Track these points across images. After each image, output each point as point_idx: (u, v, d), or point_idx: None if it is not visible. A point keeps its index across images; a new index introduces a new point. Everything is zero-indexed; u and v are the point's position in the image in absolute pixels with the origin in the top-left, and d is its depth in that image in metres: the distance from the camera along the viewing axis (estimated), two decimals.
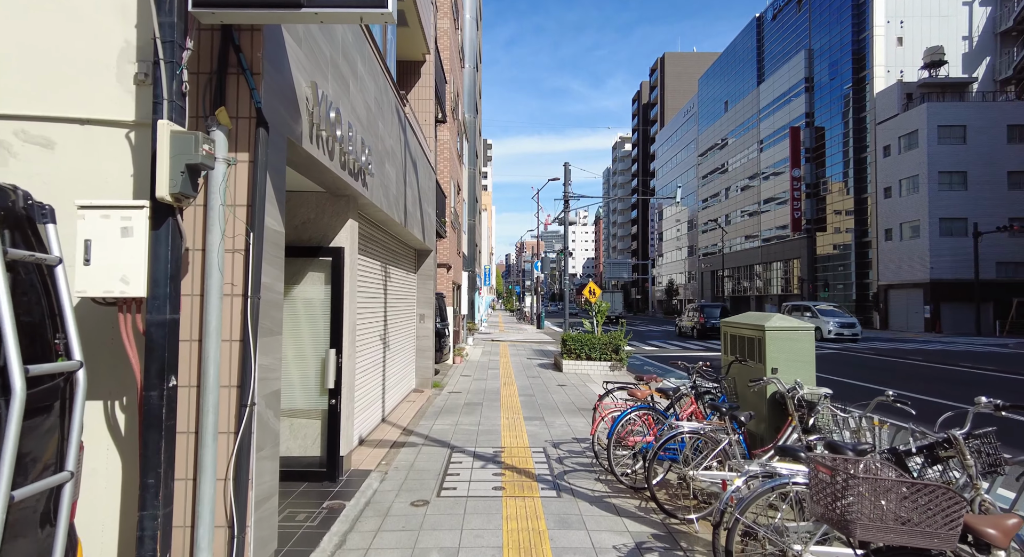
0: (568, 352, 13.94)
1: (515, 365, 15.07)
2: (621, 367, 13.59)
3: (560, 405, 9.22)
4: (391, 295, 8.31)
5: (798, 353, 5.27)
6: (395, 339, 8.66)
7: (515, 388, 11.01)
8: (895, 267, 37.16)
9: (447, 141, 15.20)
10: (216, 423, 2.89)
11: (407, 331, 9.75)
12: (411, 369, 10.23)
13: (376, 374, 7.27)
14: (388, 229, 7.63)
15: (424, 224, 9.47)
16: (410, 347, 10.05)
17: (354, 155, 4.76)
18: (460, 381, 11.89)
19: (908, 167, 35.92)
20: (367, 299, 6.74)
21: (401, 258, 9.16)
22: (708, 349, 21.88)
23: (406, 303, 9.62)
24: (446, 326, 12.84)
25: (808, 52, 48.51)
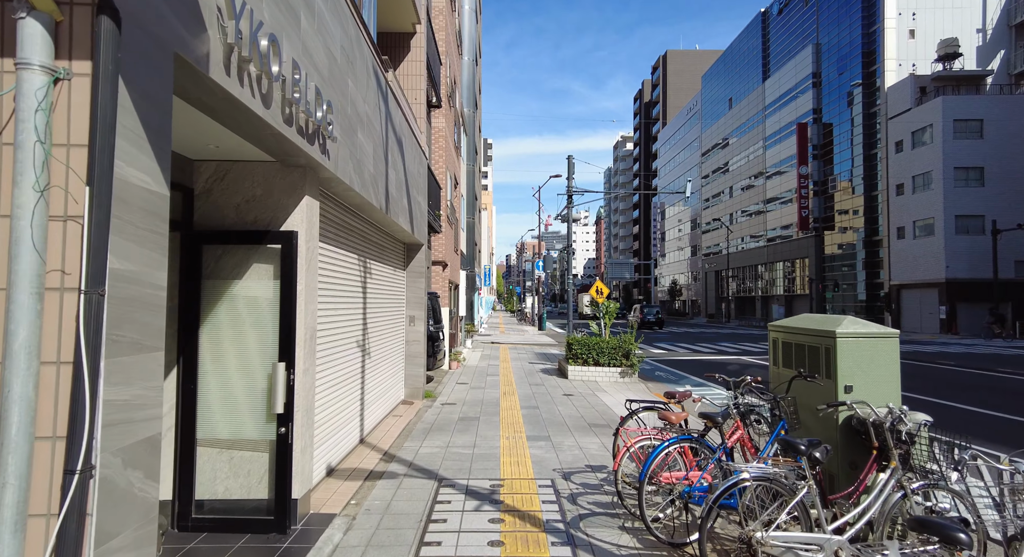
0: (574, 357, 12.79)
1: (516, 371, 13.92)
2: (632, 373, 12.44)
3: (568, 420, 8.06)
4: (373, 294, 7.16)
5: (879, 366, 4.11)
6: (379, 345, 7.52)
7: (516, 399, 9.86)
8: (908, 266, 35.98)
9: (443, 129, 14.07)
10: (20, 502, 1.73)
11: (394, 335, 8.61)
12: (399, 378, 9.08)
13: (352, 389, 6.12)
14: (366, 216, 6.48)
15: (413, 214, 8.33)
16: (398, 353, 8.91)
17: (305, 109, 3.62)
18: (455, 390, 10.74)
19: (922, 163, 34.74)
20: (338, 298, 5.59)
21: (387, 252, 8.01)
22: (720, 352, 20.73)
23: (393, 303, 8.48)
24: (440, 329, 11.70)
25: (815, 47, 47.35)
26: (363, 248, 6.63)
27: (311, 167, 4.22)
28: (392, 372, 8.46)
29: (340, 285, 5.65)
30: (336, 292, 5.51)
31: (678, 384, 12.74)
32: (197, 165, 4.18)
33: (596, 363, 12.58)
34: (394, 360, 8.64)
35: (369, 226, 6.87)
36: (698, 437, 4.08)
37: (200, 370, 4.06)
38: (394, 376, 8.65)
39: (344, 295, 5.80)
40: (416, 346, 9.43)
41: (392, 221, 6.96)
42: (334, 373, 5.46)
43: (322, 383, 5.08)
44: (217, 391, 4.07)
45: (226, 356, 4.09)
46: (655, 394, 10.80)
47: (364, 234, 6.66)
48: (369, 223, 6.83)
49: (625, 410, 5.33)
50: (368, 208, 5.96)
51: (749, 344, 25.00)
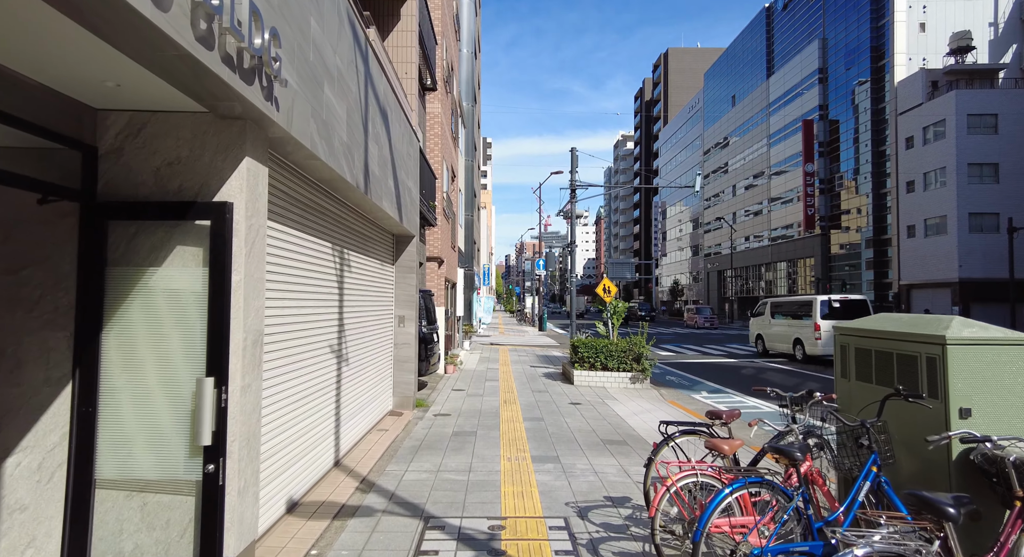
0: (580, 361, 11.78)
1: (517, 375, 12.91)
2: (644, 379, 11.44)
3: (578, 435, 7.06)
4: (354, 290, 6.16)
5: (1009, 384, 3.11)
6: (360, 349, 6.51)
7: (518, 408, 8.85)
8: (918, 266, 35.01)
9: (438, 115, 13.06)
10: None
11: (380, 338, 7.60)
12: (387, 385, 8.07)
13: (323, 403, 5.11)
14: (341, 196, 5.46)
15: (401, 200, 7.32)
16: (385, 358, 7.90)
17: (234, 29, 2.61)
18: (451, 398, 9.73)
19: (934, 159, 33.77)
20: (302, 294, 4.59)
21: (371, 243, 7.01)
22: (730, 355, 19.73)
23: (379, 302, 7.48)
24: (434, 330, 10.69)
25: (822, 42, 46.40)
26: (339, 236, 5.62)
27: (254, 121, 3.21)
28: (377, 380, 7.45)
29: (305, 278, 4.65)
30: (299, 286, 4.50)
31: (692, 390, 11.74)
32: (102, 116, 3.17)
33: (604, 367, 11.57)
34: (380, 366, 7.63)
35: (347, 210, 5.86)
36: (770, 480, 3.06)
37: (102, 388, 3.05)
38: (380, 384, 7.64)
39: (311, 290, 4.79)
40: (406, 349, 8.42)
41: (375, 205, 5.95)
42: (297, 387, 4.45)
43: (279, 400, 4.08)
44: (126, 416, 3.07)
45: (139, 369, 3.08)
46: (672, 403, 9.80)
47: (340, 219, 5.65)
48: (346, 206, 5.82)
49: (659, 433, 4.26)
50: (342, 186, 4.95)
51: None
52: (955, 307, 32.16)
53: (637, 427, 7.67)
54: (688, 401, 10.34)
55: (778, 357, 18.79)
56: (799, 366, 16.45)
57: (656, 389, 11.41)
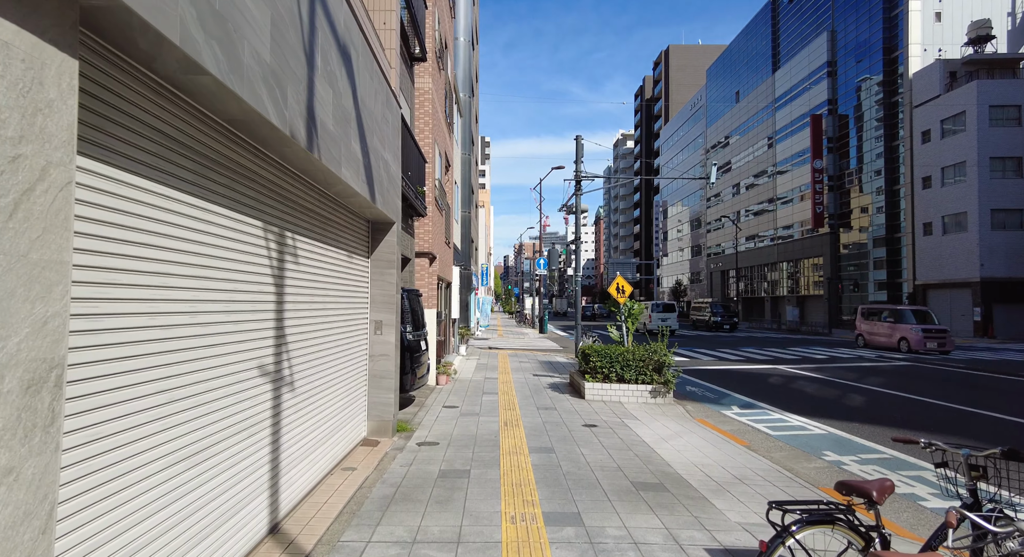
0: (592, 371, 10.22)
1: (519, 386, 11.34)
2: (667, 393, 9.87)
3: (601, 475, 5.49)
4: (305, 289, 4.59)
5: None
6: (317, 368, 4.93)
7: (521, 433, 7.27)
8: (935, 265, 33.51)
9: (429, 91, 11.49)
10: None
11: (349, 350, 6.02)
12: (358, 408, 6.49)
13: (244, 450, 3.53)
14: (275, 153, 3.86)
15: (373, 172, 5.75)
16: (355, 375, 6.32)
17: None
18: (440, 418, 8.15)
19: (952, 153, 32.28)
20: (197, 293, 3.00)
21: (333, 228, 5.43)
22: (748, 360, 18.18)
23: (347, 304, 5.90)
24: (422, 336, 9.11)
25: (830, 34, 44.93)
26: (277, 213, 4.05)
27: None
28: (345, 403, 5.87)
29: (209, 269, 3.07)
30: (191, 283, 2.92)
31: (721, 405, 10.17)
32: None
33: (620, 379, 10.01)
34: (349, 385, 6.05)
35: (291, 179, 4.28)
36: None
37: None
38: (349, 407, 6.06)
39: (220, 289, 3.21)
40: (384, 363, 6.84)
41: (330, 173, 4.38)
42: (187, 441, 2.86)
43: (143, 466, 2.49)
44: None
45: None
46: (702, 422, 8.23)
47: (280, 191, 4.08)
48: (289, 173, 4.24)
49: (772, 522, 2.57)
50: (267, 133, 3.37)
51: (775, 349, 22.47)
52: (976, 308, 30.67)
53: (673, 460, 6.11)
54: (721, 420, 8.78)
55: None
56: (830, 374, 14.90)
57: (680, 404, 9.85)
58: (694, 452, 6.56)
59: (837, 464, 6.39)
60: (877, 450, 7.05)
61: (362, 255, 6.59)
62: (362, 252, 6.58)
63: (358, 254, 6.40)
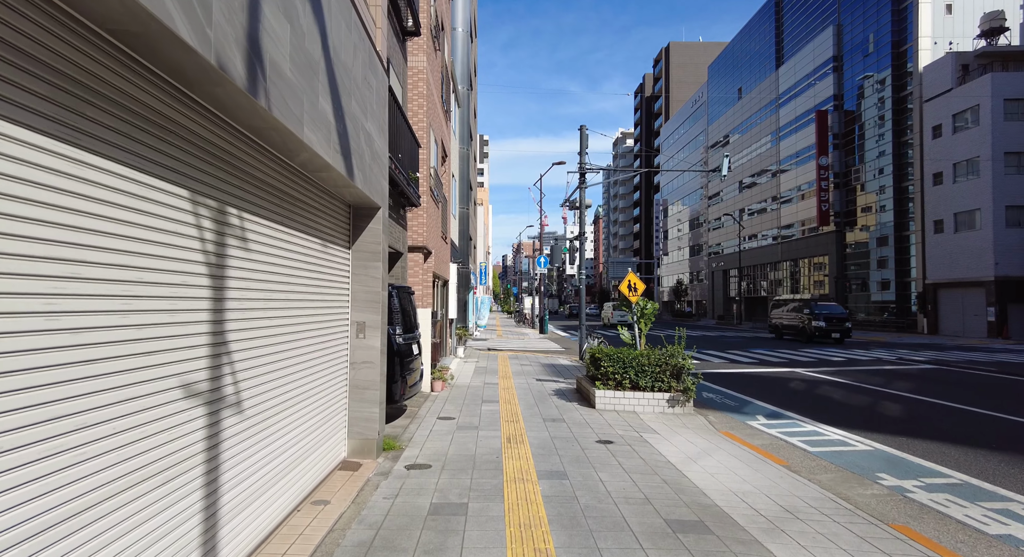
0: (603, 378, 9.25)
1: (521, 393, 10.37)
2: (686, 401, 8.91)
3: (628, 510, 4.52)
4: (259, 282, 3.61)
5: None
6: (280, 380, 3.96)
7: (527, 452, 6.30)
8: (946, 263, 32.60)
9: (423, 70, 10.52)
10: None
11: (323, 357, 5.05)
12: (336, 425, 5.51)
13: (165, 502, 2.55)
14: (204, 94, 2.86)
15: (350, 142, 4.77)
16: (331, 386, 5.34)
17: None
18: (435, 433, 7.18)
19: (965, 148, 31.36)
20: (86, 282, 2.02)
21: (301, 210, 4.46)
22: (762, 362, 17.22)
23: (320, 302, 4.92)
24: (415, 340, 8.13)
25: (836, 27, 44.01)
26: (220, 184, 3.07)
27: None
28: (317, 422, 4.89)
29: (94, 248, 2.09)
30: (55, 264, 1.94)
31: (744, 414, 9.21)
32: None
33: (634, 386, 9.04)
34: (323, 398, 5.07)
35: (238, 141, 3.29)
36: None
37: None
38: (323, 426, 5.08)
39: (113, 275, 2.23)
40: (367, 371, 5.86)
41: (289, 133, 3.40)
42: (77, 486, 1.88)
43: None
44: None
45: None
46: (729, 436, 7.27)
47: (221, 153, 3.09)
48: (234, 132, 3.25)
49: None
50: (184, 60, 2.39)
51: (787, 351, 21.52)
52: (990, 308, 29.76)
53: (708, 488, 5.14)
54: (748, 432, 7.82)
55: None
56: (853, 378, 13.95)
57: (701, 414, 8.89)
58: (730, 476, 5.60)
59: (899, 491, 5.43)
60: (940, 472, 6.09)
61: (341, 245, 5.61)
62: (341, 241, 5.60)
63: (336, 243, 5.43)
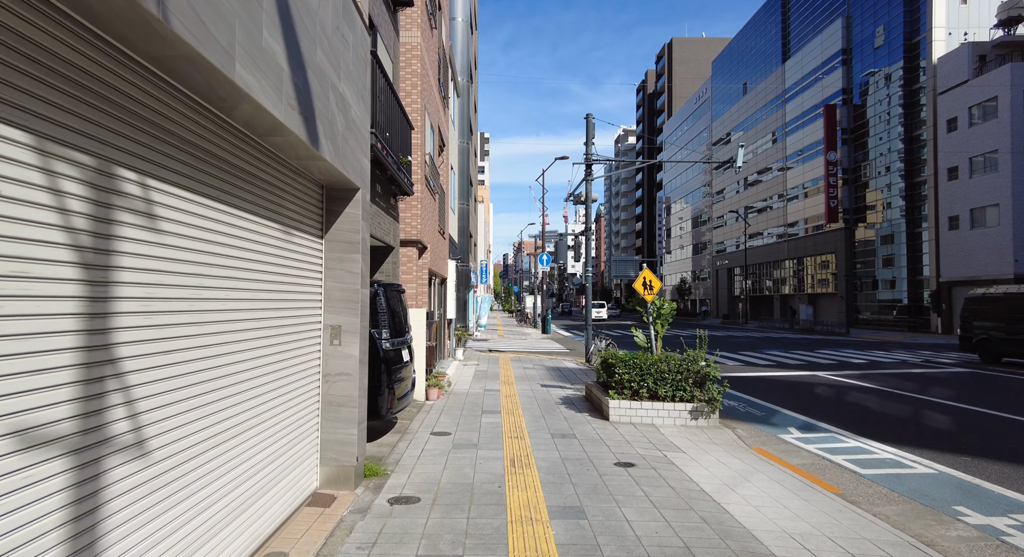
0: (618, 386, 8.27)
1: (525, 402, 9.40)
2: (711, 413, 7.94)
3: None
4: (171, 278, 2.65)
5: None
6: (214, 406, 2.99)
7: (535, 479, 5.33)
8: (962, 260, 31.58)
9: (417, 47, 9.54)
10: None
11: (283, 368, 4.08)
12: (301, 453, 4.54)
13: None
14: (73, 7, 1.90)
15: (315, 104, 3.80)
16: (296, 404, 4.37)
17: None
18: (427, 454, 6.21)
19: (983, 142, 30.32)
20: None
21: (245, 182, 3.49)
22: (779, 364, 16.23)
23: (275, 302, 3.96)
24: (405, 344, 7.15)
25: (846, 19, 42.94)
26: (104, 134, 2.08)
27: None
28: (276, 451, 3.92)
29: None
30: None
31: (773, 425, 8.23)
32: None
33: (652, 395, 8.06)
34: (285, 421, 4.11)
35: (140, 78, 2.31)
36: None
37: None
38: (285, 454, 4.12)
39: None
40: (343, 384, 4.89)
41: (211, 68, 2.43)
42: None
43: None
44: None
45: None
46: (763, 453, 6.31)
47: (110, 91, 2.11)
48: (128, 64, 2.27)
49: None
50: None
51: (801, 351, 20.54)
52: None
53: (757, 527, 4.17)
54: (783, 448, 6.86)
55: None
56: (883, 383, 12.97)
57: (727, 427, 7.93)
58: (778, 510, 4.63)
59: (990, 532, 4.46)
60: None
61: (310, 233, 4.64)
62: (310, 229, 4.64)
63: (303, 231, 4.46)
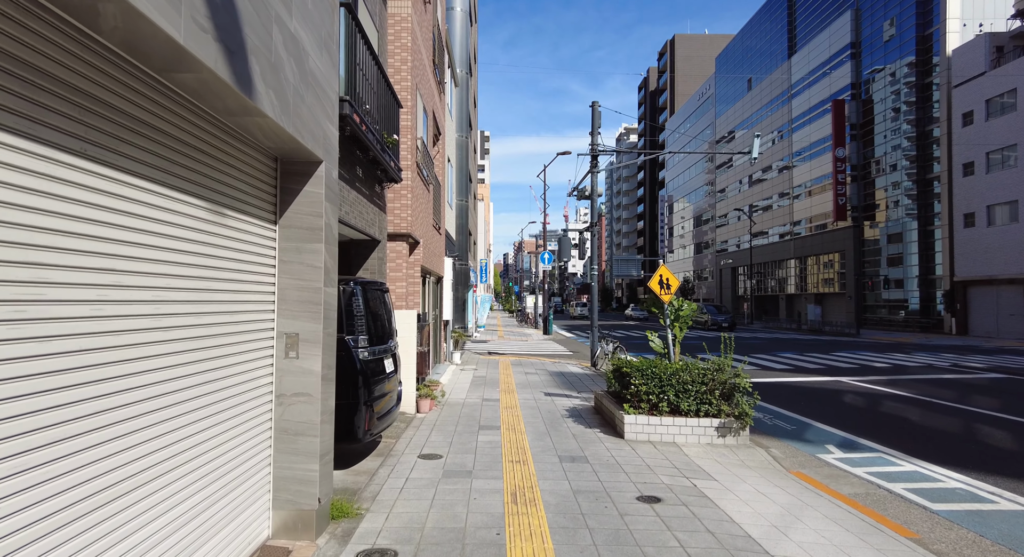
0: (634, 399, 7.26)
1: (528, 415, 8.39)
2: (741, 430, 6.94)
3: None
4: (9, 270, 1.63)
5: None
6: (122, 441, 1.98)
7: (542, 523, 4.32)
8: (979, 259, 30.55)
9: (407, 19, 8.53)
10: None
11: (216, 392, 3.08)
12: (245, 496, 3.54)
13: None
14: None
15: (247, 41, 2.78)
16: (238, 437, 3.36)
17: None
18: (411, 485, 5.20)
19: (1000, 135, 29.29)
20: None
21: (152, 142, 2.46)
22: (796, 369, 15.22)
23: (203, 303, 2.95)
24: (388, 352, 6.14)
25: (855, 12, 41.92)
26: None
27: None
28: (210, 497, 2.92)
29: None
30: None
31: (807, 441, 7.22)
32: None
33: (674, 409, 7.05)
34: (222, 456, 3.11)
35: None
36: None
37: None
38: (222, 500, 3.11)
39: None
40: (301, 408, 3.89)
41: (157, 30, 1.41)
42: None
43: None
44: None
45: None
46: (808, 480, 5.29)
47: None
48: None
49: None
50: None
51: (816, 354, 19.53)
52: None
53: None
54: (828, 473, 5.86)
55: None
56: (915, 390, 11.97)
57: (759, 445, 6.93)
58: None
59: None
60: None
61: (258, 217, 3.64)
62: (259, 211, 3.63)
63: (247, 213, 3.46)
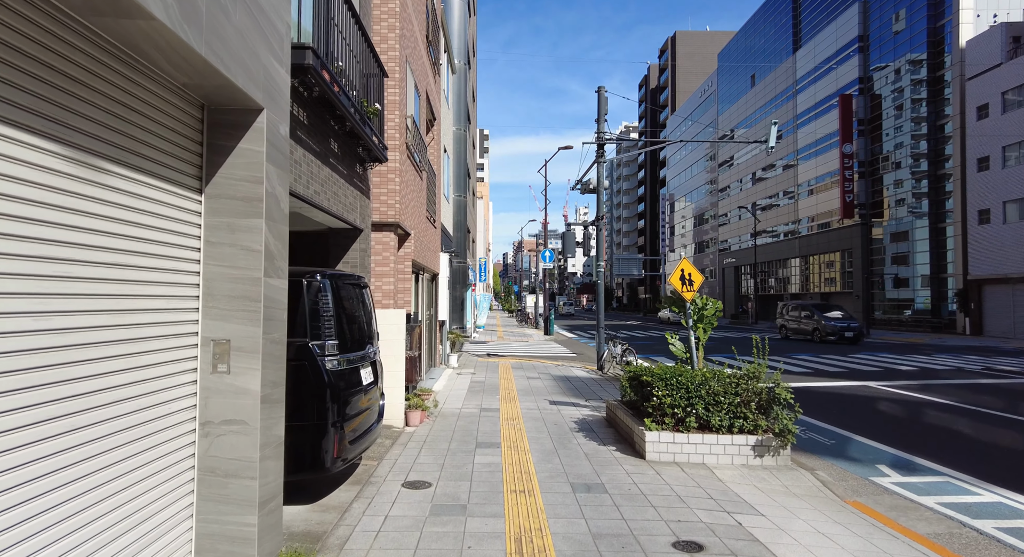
0: (656, 412, 6.26)
1: (532, 429, 7.40)
2: (782, 448, 5.95)
3: None
4: None
5: None
6: None
7: None
8: (994, 257, 29.58)
9: None
10: None
11: (117, 419, 2.07)
12: (162, 555, 2.53)
13: None
14: None
15: None
16: (149, 479, 2.36)
17: None
18: (389, 525, 4.21)
19: (1017, 129, 28.32)
20: None
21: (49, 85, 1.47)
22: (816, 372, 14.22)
23: (109, 304, 1.94)
24: (367, 359, 5.15)
25: (863, 5, 40.93)
26: None
27: None
28: None
29: None
30: None
31: (855, 461, 6.23)
32: None
33: (703, 425, 6.07)
34: (129, 504, 2.11)
35: None
36: None
37: None
38: None
39: None
40: (233, 439, 2.89)
41: None
42: None
43: None
44: None
45: None
46: (858, 508, 4.30)
47: None
48: None
49: None
50: None
51: (833, 356, 18.54)
52: None
53: None
54: (895, 505, 4.86)
55: None
56: (956, 397, 11.00)
57: (801, 466, 5.94)
58: None
59: None
60: None
61: (174, 182, 2.65)
62: (175, 174, 2.64)
63: (155, 175, 2.47)
